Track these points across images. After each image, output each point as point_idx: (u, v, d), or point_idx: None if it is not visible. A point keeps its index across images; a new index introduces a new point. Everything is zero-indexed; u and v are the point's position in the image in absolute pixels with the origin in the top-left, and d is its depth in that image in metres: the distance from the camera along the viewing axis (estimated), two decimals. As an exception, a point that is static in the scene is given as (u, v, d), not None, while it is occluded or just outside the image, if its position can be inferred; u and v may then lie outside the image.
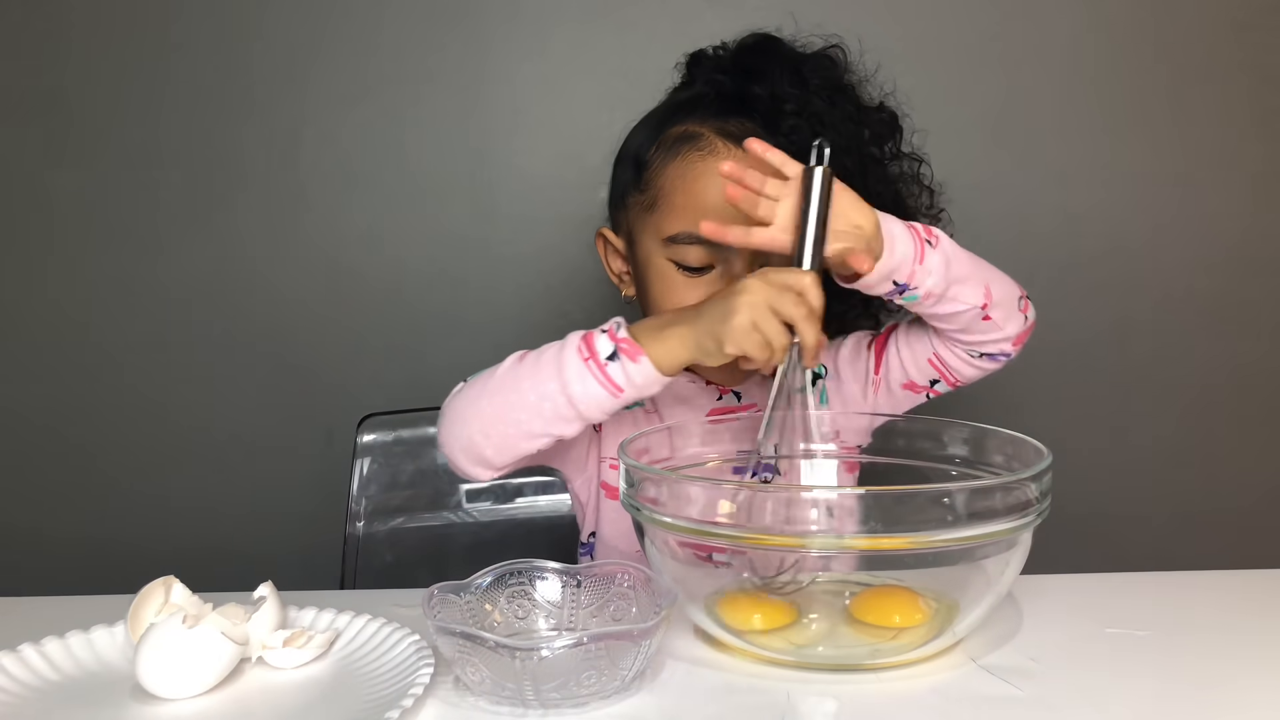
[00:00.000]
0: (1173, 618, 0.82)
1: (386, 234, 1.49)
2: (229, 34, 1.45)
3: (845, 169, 0.93)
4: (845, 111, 0.96)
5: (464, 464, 0.89)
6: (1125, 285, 1.55)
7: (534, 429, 0.85)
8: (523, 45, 1.47)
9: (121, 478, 1.52)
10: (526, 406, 0.84)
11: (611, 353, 0.83)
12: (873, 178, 0.96)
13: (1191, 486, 1.59)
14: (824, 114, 0.95)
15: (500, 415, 0.85)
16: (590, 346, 0.84)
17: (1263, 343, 1.58)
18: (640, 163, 0.99)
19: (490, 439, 0.86)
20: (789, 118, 0.94)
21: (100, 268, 1.49)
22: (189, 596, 0.75)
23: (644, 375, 0.83)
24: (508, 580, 0.77)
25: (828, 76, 0.97)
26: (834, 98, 0.96)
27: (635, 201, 0.99)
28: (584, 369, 0.83)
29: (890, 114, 1.00)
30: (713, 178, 0.92)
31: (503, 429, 0.86)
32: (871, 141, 0.98)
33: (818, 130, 0.94)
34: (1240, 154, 1.54)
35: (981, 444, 0.85)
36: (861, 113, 0.98)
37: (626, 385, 0.83)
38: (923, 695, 0.69)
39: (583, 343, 0.84)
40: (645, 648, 0.67)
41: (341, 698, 0.69)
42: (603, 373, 0.82)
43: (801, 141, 0.93)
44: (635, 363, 0.82)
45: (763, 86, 0.96)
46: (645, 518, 0.74)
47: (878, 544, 0.69)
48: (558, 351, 0.85)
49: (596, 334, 0.84)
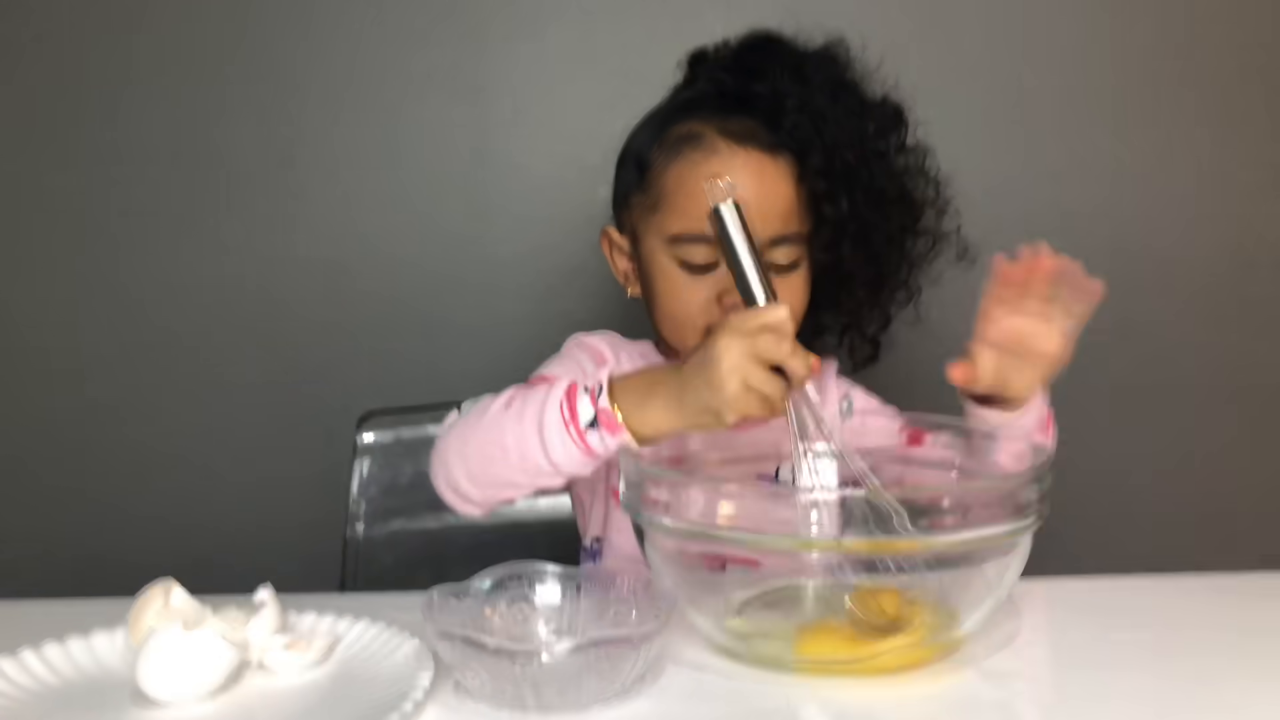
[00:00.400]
0: (1172, 619, 0.82)
1: (386, 234, 1.49)
2: (227, 34, 1.45)
3: (847, 165, 0.94)
4: (848, 107, 0.96)
5: (453, 502, 0.88)
6: (1126, 285, 1.55)
7: (517, 481, 0.84)
8: (522, 45, 1.47)
9: (120, 480, 1.52)
10: (509, 461, 0.83)
11: (591, 419, 0.80)
12: (877, 173, 0.96)
13: (1191, 487, 1.59)
14: (826, 110, 0.95)
15: (485, 464, 0.84)
16: (572, 407, 0.81)
17: (1263, 342, 1.58)
18: (643, 163, 0.99)
19: (476, 485, 0.86)
20: (790, 115, 0.94)
21: (99, 268, 1.48)
22: (189, 600, 0.74)
23: (621, 446, 0.80)
24: (508, 584, 0.77)
25: (829, 73, 0.97)
26: (836, 93, 0.96)
27: (638, 202, 0.99)
28: (564, 433, 0.80)
29: (895, 107, 0.99)
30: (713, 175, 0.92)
31: (488, 477, 0.85)
32: (876, 136, 0.97)
33: (820, 126, 0.94)
34: (1241, 153, 1.53)
35: (982, 445, 0.85)
36: (865, 107, 0.97)
37: (604, 453, 0.81)
38: (923, 699, 0.69)
39: (565, 400, 0.81)
40: (645, 652, 0.67)
41: (341, 702, 0.69)
42: (582, 440, 0.80)
43: (803, 137, 0.94)
44: (614, 436, 0.80)
45: (764, 84, 0.96)
46: (646, 521, 0.74)
47: (878, 546, 0.68)
48: (541, 406, 0.82)
49: (580, 394, 0.81)
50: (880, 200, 0.96)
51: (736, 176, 0.88)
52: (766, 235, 0.93)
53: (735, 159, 0.94)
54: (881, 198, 0.96)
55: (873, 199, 0.96)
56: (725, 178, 0.81)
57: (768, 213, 0.93)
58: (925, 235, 1.00)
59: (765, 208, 0.93)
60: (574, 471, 0.83)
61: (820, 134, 0.94)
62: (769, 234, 0.93)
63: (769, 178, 0.94)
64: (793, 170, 0.95)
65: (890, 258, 0.99)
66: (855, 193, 0.95)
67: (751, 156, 0.94)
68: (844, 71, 0.98)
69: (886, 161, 0.98)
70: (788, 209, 0.95)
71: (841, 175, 0.94)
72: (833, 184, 0.94)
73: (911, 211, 0.99)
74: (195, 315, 1.49)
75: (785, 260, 0.96)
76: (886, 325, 1.04)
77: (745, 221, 0.80)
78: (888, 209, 0.97)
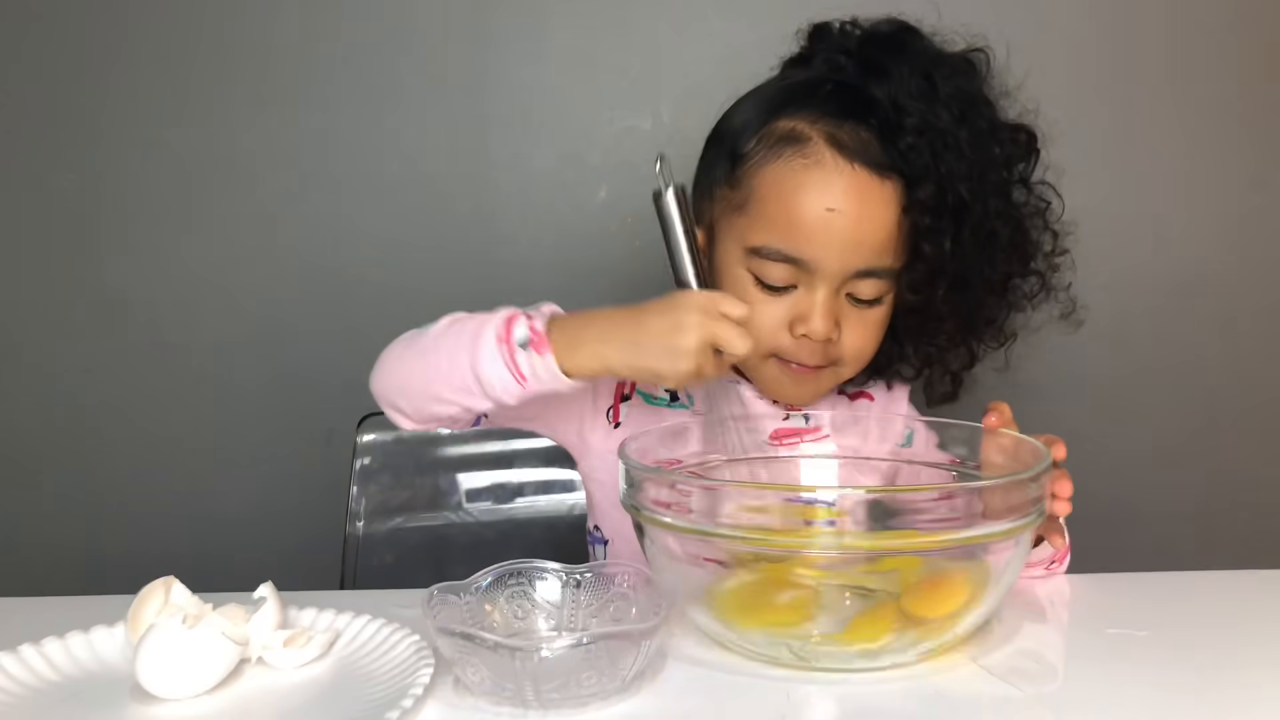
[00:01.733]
0: (1173, 618, 0.82)
1: (387, 234, 1.49)
2: (229, 34, 1.45)
3: (960, 200, 0.86)
4: (974, 129, 0.86)
5: (387, 411, 0.88)
6: (1127, 285, 1.55)
7: (443, 395, 0.83)
8: (522, 45, 1.47)
9: (121, 478, 1.52)
10: (439, 373, 0.82)
11: (525, 340, 0.79)
12: (994, 212, 0.87)
13: (1192, 486, 1.59)
14: (948, 133, 0.85)
15: (416, 375, 0.84)
16: (509, 327, 0.80)
17: (1264, 342, 1.58)
18: (736, 155, 0.91)
19: (405, 396, 0.86)
20: (908, 135, 0.85)
21: (100, 268, 1.49)
22: (189, 597, 0.74)
23: (548, 372, 0.79)
24: (508, 580, 0.77)
25: (962, 87, 0.87)
26: (965, 113, 0.86)
27: (724, 196, 0.92)
28: (496, 350, 0.80)
29: (1028, 134, 0.90)
30: (811, 191, 0.86)
31: (417, 388, 0.84)
32: (1002, 164, 0.88)
33: (939, 151, 0.85)
34: (1242, 153, 1.54)
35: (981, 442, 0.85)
36: (994, 132, 0.88)
37: (531, 378, 0.80)
38: (923, 695, 0.69)
39: (504, 323, 0.81)
40: (645, 648, 0.67)
41: (341, 698, 0.69)
42: (512, 358, 0.79)
43: (919, 163, 0.85)
44: (540, 357, 0.79)
45: (885, 88, 0.87)
46: (646, 518, 0.74)
47: (879, 544, 0.68)
48: (480, 323, 0.81)
49: (520, 317, 0.81)
50: (989, 244, 0.88)
51: (837, 197, 0.85)
52: (853, 266, 0.87)
53: (840, 176, 0.86)
54: (991, 241, 0.88)
55: (980, 240, 0.88)
56: (664, 155, 0.80)
57: (862, 242, 0.86)
58: (1032, 277, 0.92)
59: (861, 236, 0.86)
60: (500, 396, 0.81)
61: (937, 162, 0.85)
62: (857, 265, 0.87)
63: (872, 203, 0.86)
64: (899, 197, 0.87)
65: (986, 303, 0.92)
66: (963, 231, 0.87)
67: (858, 176, 0.86)
68: (978, 86, 0.88)
69: (1005, 199, 0.89)
70: (884, 241, 0.87)
71: (952, 211, 0.86)
72: (939, 220, 0.86)
73: (1021, 260, 0.91)
74: (196, 314, 1.50)
75: (869, 294, 0.89)
76: (972, 364, 0.97)
77: (687, 209, 0.80)
78: (995, 254, 0.89)
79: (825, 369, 0.92)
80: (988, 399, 0.85)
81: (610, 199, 1.46)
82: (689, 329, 0.76)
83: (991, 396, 0.88)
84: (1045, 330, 0.98)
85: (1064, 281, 0.93)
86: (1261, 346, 1.58)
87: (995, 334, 0.95)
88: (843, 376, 0.95)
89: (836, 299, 0.89)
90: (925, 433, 0.89)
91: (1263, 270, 1.56)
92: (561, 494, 1.24)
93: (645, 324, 0.78)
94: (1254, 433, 1.60)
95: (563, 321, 0.81)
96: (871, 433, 0.91)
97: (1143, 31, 1.51)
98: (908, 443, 0.89)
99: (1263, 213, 1.55)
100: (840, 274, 0.88)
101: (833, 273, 0.87)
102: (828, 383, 0.95)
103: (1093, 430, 1.55)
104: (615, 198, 1.45)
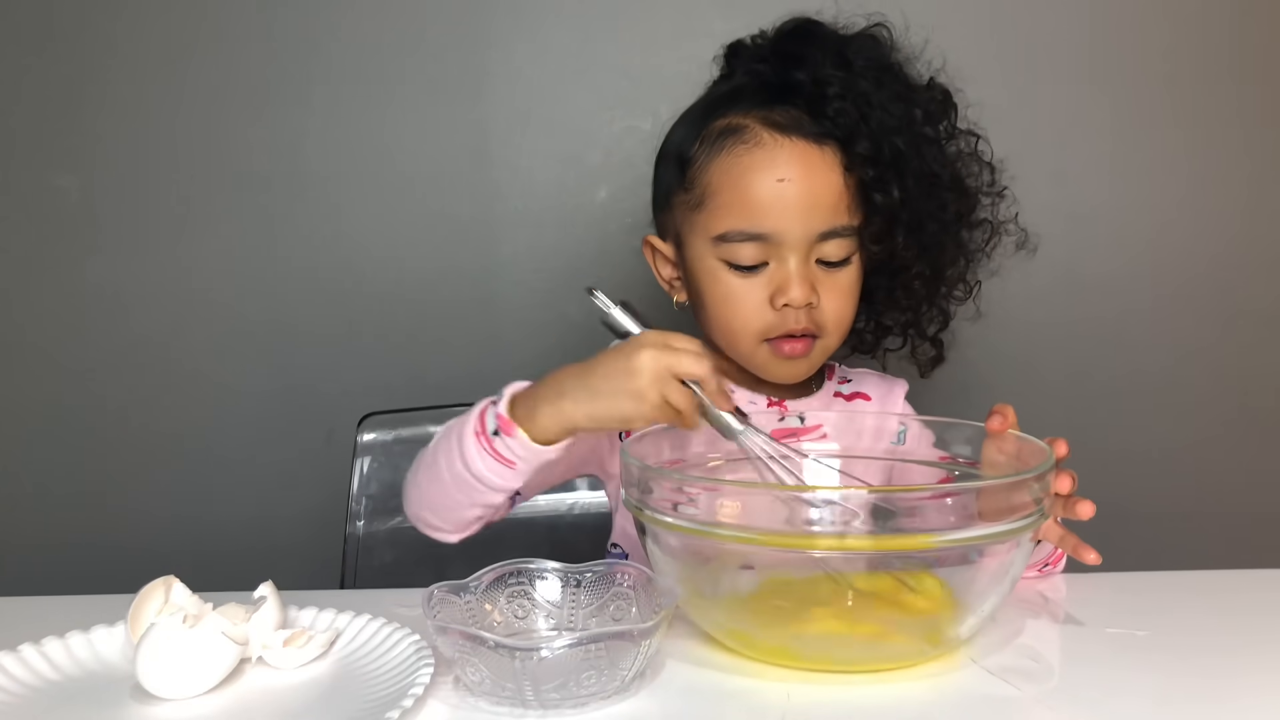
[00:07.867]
0: (1172, 618, 0.82)
1: (387, 233, 1.49)
2: (230, 34, 1.45)
3: (896, 150, 0.91)
4: (893, 91, 0.92)
5: (425, 531, 0.90)
6: (1127, 285, 1.55)
7: (461, 503, 0.85)
8: (522, 45, 1.47)
9: (121, 477, 1.52)
10: (448, 489, 0.84)
11: (495, 428, 0.81)
12: (929, 158, 0.93)
13: (1191, 486, 1.59)
14: (870, 94, 0.91)
15: (433, 493, 0.86)
16: (482, 419, 0.82)
17: (1264, 342, 1.58)
18: (684, 160, 0.95)
19: (435, 513, 0.88)
20: (834, 101, 0.91)
21: (100, 269, 1.49)
22: (189, 596, 0.74)
23: (525, 449, 0.81)
24: (508, 580, 0.77)
25: (872, 56, 0.93)
26: (880, 77, 0.92)
27: (681, 201, 0.96)
28: (477, 444, 0.82)
29: (942, 90, 0.96)
30: (759, 168, 0.90)
31: (440, 505, 0.87)
32: (925, 121, 0.93)
33: (865, 111, 0.90)
34: (1243, 153, 1.54)
35: (983, 444, 0.85)
36: (911, 91, 0.94)
37: (516, 460, 0.81)
38: (923, 695, 0.69)
39: (477, 419, 0.83)
40: (645, 648, 0.67)
41: (341, 698, 0.69)
42: (493, 449, 0.81)
43: (848, 124, 0.91)
44: (513, 438, 0.80)
45: (805, 72, 0.92)
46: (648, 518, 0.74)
47: (881, 544, 0.68)
48: (461, 425, 0.84)
49: (489, 406, 0.83)
50: (933, 187, 0.93)
51: (782, 168, 0.89)
52: (815, 229, 0.91)
53: (781, 149, 0.91)
54: (934, 184, 0.93)
55: (924, 185, 0.92)
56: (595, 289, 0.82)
57: (817, 205, 0.91)
58: (982, 225, 0.97)
59: (814, 199, 0.91)
60: (502, 483, 0.83)
61: (866, 120, 0.91)
62: (818, 227, 0.91)
63: (816, 168, 0.91)
64: (840, 159, 0.92)
65: (946, 248, 0.96)
66: (906, 179, 0.92)
67: (797, 147, 0.91)
68: (887, 55, 0.94)
69: (937, 146, 0.94)
70: (837, 200, 0.92)
71: (890, 162, 0.91)
72: (882, 171, 0.91)
73: (966, 198, 0.96)
74: (196, 314, 1.50)
75: (836, 255, 0.93)
76: (946, 323, 1.01)
77: (624, 306, 0.82)
78: (941, 196, 0.94)
79: (813, 343, 0.95)
80: (970, 355, 0.88)
81: (610, 199, 1.46)
82: (642, 364, 0.77)
83: (972, 350, 0.94)
84: (1045, 329, 0.98)
85: (1010, 213, 0.98)
86: (1261, 347, 1.58)
87: (960, 283, 0.99)
88: (830, 348, 0.98)
89: (808, 266, 0.93)
90: (919, 430, 0.92)
91: (1263, 270, 1.56)
92: (561, 494, 1.24)
93: (597, 371, 0.79)
94: (1254, 433, 1.60)
95: (523, 394, 0.82)
96: (866, 432, 0.92)
97: (1143, 31, 1.51)
98: (900, 440, 0.91)
99: (1263, 213, 1.55)
100: (805, 239, 0.92)
101: (797, 239, 0.91)
102: (818, 357, 0.98)
103: (1092, 430, 1.56)
104: (615, 198, 1.45)
